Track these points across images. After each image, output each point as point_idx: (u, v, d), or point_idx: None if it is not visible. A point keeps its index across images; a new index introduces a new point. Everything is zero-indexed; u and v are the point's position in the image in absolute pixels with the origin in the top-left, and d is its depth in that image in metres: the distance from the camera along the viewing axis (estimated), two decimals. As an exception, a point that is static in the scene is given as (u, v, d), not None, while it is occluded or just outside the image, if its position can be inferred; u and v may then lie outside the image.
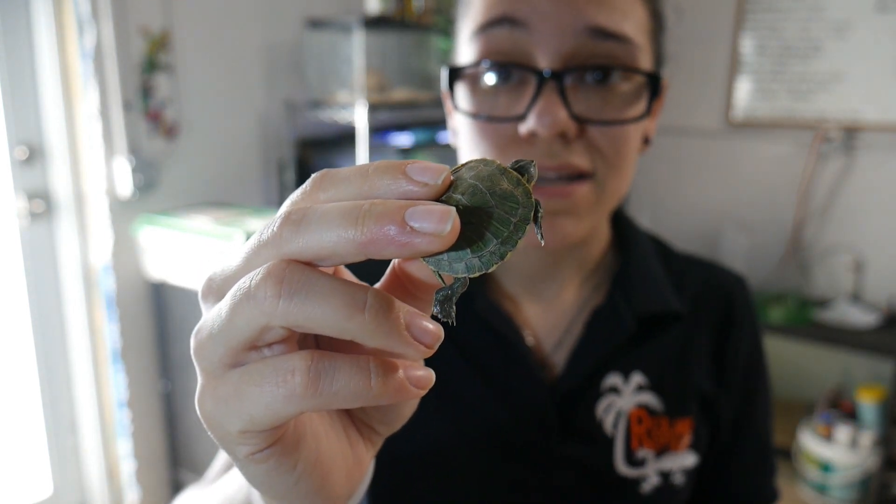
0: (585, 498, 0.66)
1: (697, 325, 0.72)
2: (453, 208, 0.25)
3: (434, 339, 0.27)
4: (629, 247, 0.72)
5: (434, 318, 0.29)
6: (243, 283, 0.28)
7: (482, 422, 0.67)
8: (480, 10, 0.60)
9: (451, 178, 0.27)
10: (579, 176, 0.60)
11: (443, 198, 0.27)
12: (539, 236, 0.29)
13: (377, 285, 0.31)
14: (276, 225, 0.28)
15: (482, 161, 0.28)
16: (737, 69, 3.04)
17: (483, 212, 0.26)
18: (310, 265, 0.28)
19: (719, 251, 3.07)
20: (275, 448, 0.30)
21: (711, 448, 0.72)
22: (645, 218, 3.20)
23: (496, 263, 0.26)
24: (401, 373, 0.28)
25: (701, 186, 3.26)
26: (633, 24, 0.58)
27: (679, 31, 3.06)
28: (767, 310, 2.74)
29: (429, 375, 0.29)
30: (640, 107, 0.60)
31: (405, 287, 0.31)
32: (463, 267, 0.26)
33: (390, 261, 0.31)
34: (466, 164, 0.28)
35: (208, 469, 0.67)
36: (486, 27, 0.59)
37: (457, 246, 0.26)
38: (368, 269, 0.38)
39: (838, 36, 2.80)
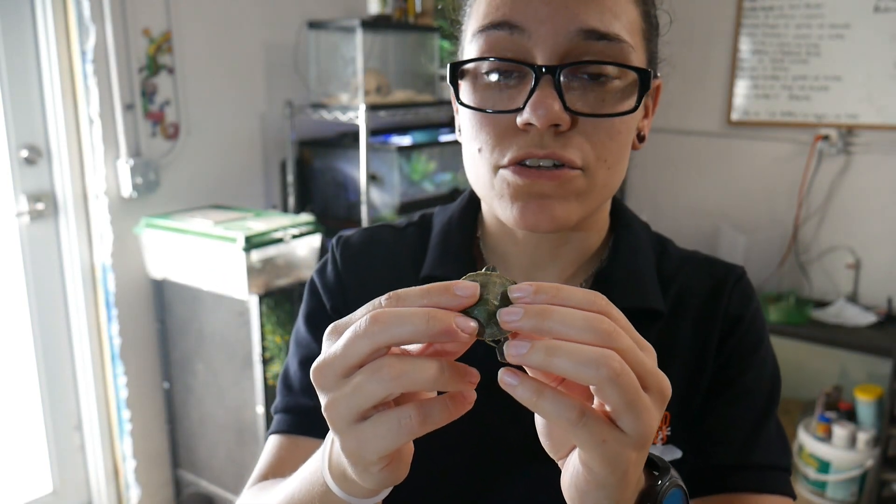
0: (559, 489, 0.67)
1: (679, 319, 0.72)
2: (475, 321, 0.42)
3: (476, 377, 0.44)
4: (619, 242, 0.73)
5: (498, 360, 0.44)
6: (371, 367, 0.42)
7: (467, 416, 0.69)
8: (482, 14, 0.64)
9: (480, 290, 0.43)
10: (569, 167, 0.62)
11: (483, 299, 0.43)
12: None
13: (419, 348, 0.46)
14: (367, 323, 0.41)
15: (481, 274, 0.44)
16: (736, 70, 3.06)
17: (501, 300, 0.43)
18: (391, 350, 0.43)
19: (718, 251, 3.08)
20: (394, 460, 0.46)
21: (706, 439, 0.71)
22: (644, 218, 3.20)
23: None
24: (461, 396, 0.44)
25: (700, 186, 3.27)
26: (625, 25, 0.62)
27: (679, 32, 3.07)
28: (766, 309, 2.75)
29: (474, 393, 0.44)
30: (631, 102, 0.63)
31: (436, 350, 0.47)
32: (498, 331, 0.43)
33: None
34: (470, 275, 0.44)
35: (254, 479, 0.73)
36: (487, 29, 0.62)
37: (498, 322, 0.42)
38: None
39: (836, 37, 2.81)
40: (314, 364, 0.44)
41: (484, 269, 0.45)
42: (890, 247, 2.83)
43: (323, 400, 0.44)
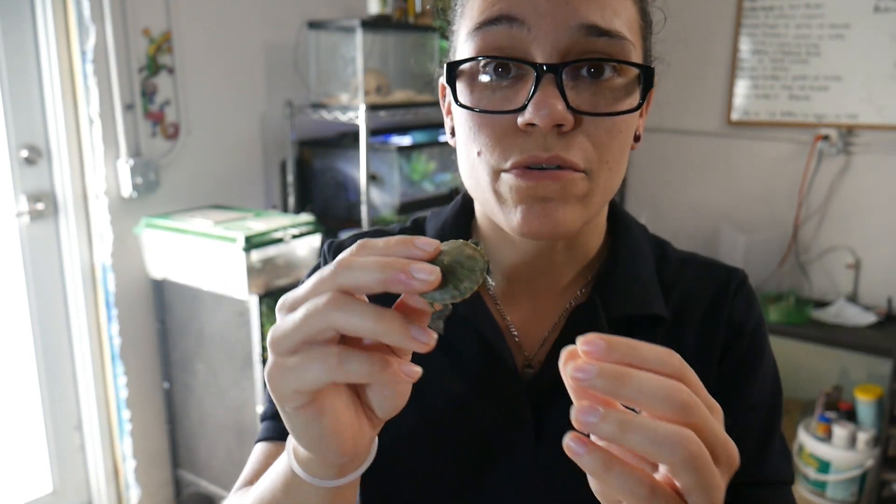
0: (562, 497, 0.66)
1: (683, 325, 0.71)
2: (437, 267, 0.42)
3: (430, 338, 0.42)
4: (618, 246, 0.72)
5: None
6: (316, 302, 0.43)
7: (462, 422, 0.68)
8: (479, 10, 0.62)
9: (441, 247, 0.44)
10: (572, 169, 0.61)
11: (436, 260, 0.43)
12: (488, 282, 0.46)
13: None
14: (334, 269, 0.43)
15: (454, 241, 0.46)
16: (736, 70, 3.05)
17: (458, 265, 0.44)
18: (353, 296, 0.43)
19: (718, 251, 3.08)
20: (310, 406, 0.46)
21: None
22: (643, 218, 3.21)
23: (464, 296, 0.43)
24: (396, 365, 0.43)
25: (700, 187, 3.27)
26: (625, 22, 0.61)
27: (678, 32, 3.07)
28: (766, 309, 2.75)
29: (417, 369, 0.44)
30: (634, 100, 0.62)
31: (405, 312, 0.47)
32: (448, 296, 0.43)
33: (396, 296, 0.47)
34: (446, 242, 0.46)
35: (239, 481, 0.74)
36: (485, 25, 0.61)
37: (443, 285, 0.43)
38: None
39: (836, 37, 2.81)
40: (289, 293, 0.45)
41: (470, 241, 0.46)
42: (890, 247, 2.83)
43: (278, 321, 0.45)
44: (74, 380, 2.24)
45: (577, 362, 0.39)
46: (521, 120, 0.59)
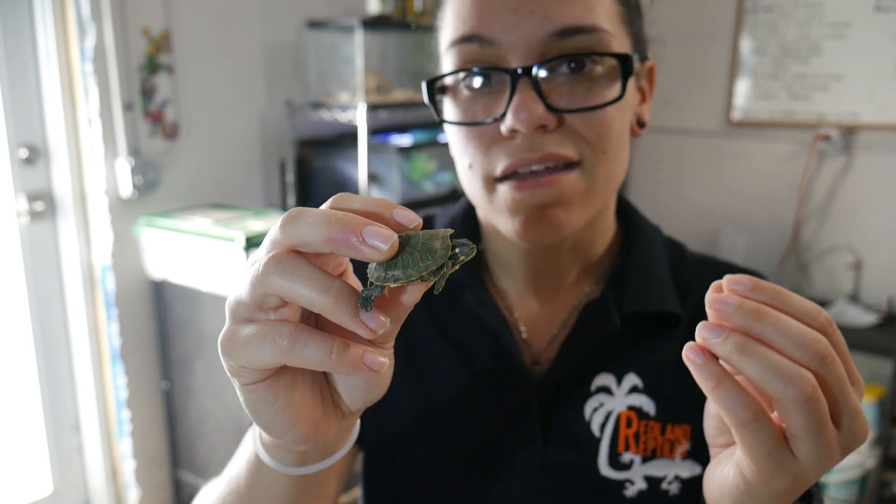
0: (567, 498, 0.66)
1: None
2: (395, 235, 0.35)
3: (378, 325, 0.36)
4: (631, 244, 0.71)
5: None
6: (256, 264, 0.38)
7: (467, 420, 0.68)
8: (452, 27, 0.62)
9: (419, 220, 0.38)
10: (566, 165, 0.61)
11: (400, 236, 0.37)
12: (435, 286, 0.39)
13: None
14: (282, 219, 0.38)
15: (437, 231, 0.39)
16: (736, 70, 3.05)
17: (410, 253, 0.37)
18: (303, 256, 0.37)
19: (719, 251, 3.08)
20: (261, 384, 0.41)
21: None
22: (644, 218, 3.20)
23: (398, 283, 0.37)
24: (357, 353, 0.37)
25: (700, 186, 3.26)
26: (600, 14, 0.60)
27: (679, 31, 3.07)
28: (766, 310, 2.74)
29: (382, 360, 0.38)
30: (616, 89, 0.61)
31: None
32: (382, 277, 0.37)
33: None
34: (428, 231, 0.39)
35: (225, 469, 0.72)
36: (458, 42, 0.61)
37: (387, 266, 0.37)
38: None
39: (837, 36, 2.81)
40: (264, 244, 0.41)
41: (463, 239, 0.41)
42: (891, 246, 2.82)
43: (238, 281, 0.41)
44: (73, 380, 2.23)
45: (719, 294, 0.38)
46: (503, 127, 0.59)
